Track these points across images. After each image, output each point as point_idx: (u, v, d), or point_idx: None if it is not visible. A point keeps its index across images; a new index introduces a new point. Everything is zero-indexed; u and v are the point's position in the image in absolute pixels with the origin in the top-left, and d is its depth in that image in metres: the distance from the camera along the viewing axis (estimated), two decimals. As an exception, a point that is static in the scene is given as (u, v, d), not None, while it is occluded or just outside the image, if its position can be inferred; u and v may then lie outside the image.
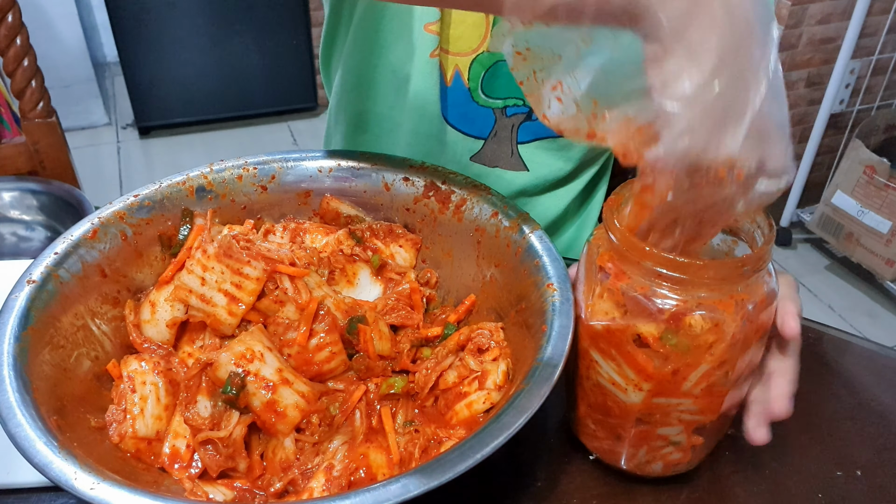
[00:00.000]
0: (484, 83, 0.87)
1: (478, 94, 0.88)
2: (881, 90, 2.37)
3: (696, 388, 0.52)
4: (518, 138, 0.92)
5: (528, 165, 0.93)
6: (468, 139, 0.91)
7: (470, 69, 0.86)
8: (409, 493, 0.44)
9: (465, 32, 0.84)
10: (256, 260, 0.59)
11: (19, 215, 1.05)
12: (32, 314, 0.56)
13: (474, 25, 0.83)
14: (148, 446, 0.56)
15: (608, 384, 0.55)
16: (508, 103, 0.89)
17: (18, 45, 1.13)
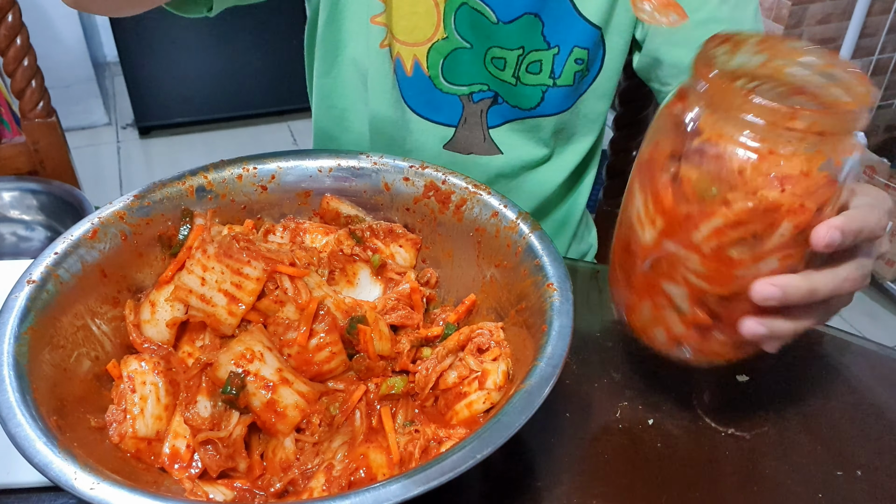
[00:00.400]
0: (444, 70, 0.89)
1: (440, 82, 0.89)
2: (881, 90, 2.37)
3: (707, 245, 0.50)
4: (488, 123, 0.93)
5: (501, 149, 0.94)
6: (438, 127, 0.92)
7: (428, 58, 0.88)
8: (408, 493, 0.44)
9: (419, 23, 0.85)
10: (256, 260, 0.59)
11: (19, 215, 1.05)
12: (32, 314, 0.56)
13: (426, 15, 0.85)
14: (148, 446, 0.56)
15: (634, 220, 0.54)
16: (474, 89, 0.90)
17: (18, 44, 1.13)
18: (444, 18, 0.85)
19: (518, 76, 0.88)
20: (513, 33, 0.84)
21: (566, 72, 0.87)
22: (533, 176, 0.96)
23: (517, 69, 0.87)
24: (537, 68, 0.87)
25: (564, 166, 0.97)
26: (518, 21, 0.84)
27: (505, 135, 0.93)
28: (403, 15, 0.85)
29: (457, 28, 0.85)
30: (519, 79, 0.88)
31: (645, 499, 0.59)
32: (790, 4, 2.13)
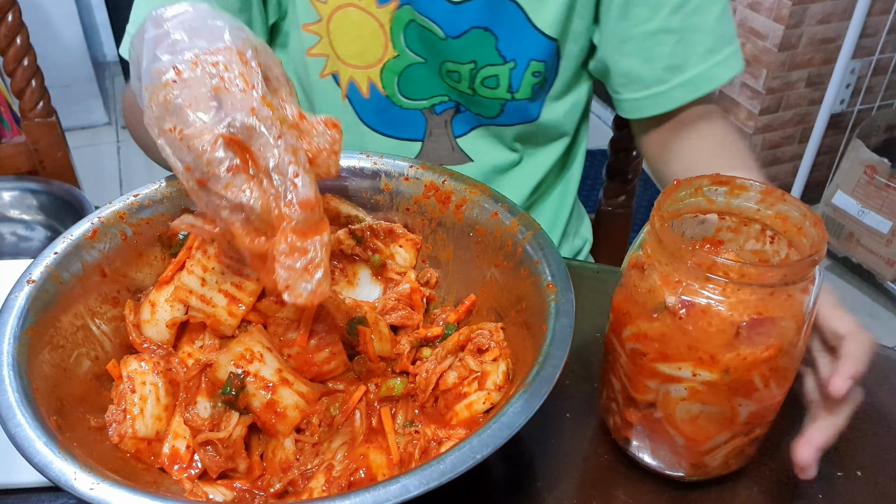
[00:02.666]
0: (401, 87, 0.89)
1: (398, 99, 0.90)
2: (882, 90, 2.37)
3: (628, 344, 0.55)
4: (454, 132, 0.93)
5: (471, 156, 0.94)
6: (403, 143, 0.93)
7: (382, 78, 0.88)
8: (408, 493, 0.44)
9: (367, 45, 0.85)
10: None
11: (19, 215, 1.05)
12: (32, 314, 0.56)
13: (372, 37, 0.85)
14: (148, 446, 0.56)
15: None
16: (434, 101, 0.90)
17: (18, 44, 1.13)
18: (392, 38, 0.85)
19: (474, 88, 0.87)
20: (463, 48, 0.84)
21: (524, 86, 0.86)
22: (506, 180, 0.96)
23: (472, 82, 0.87)
24: (494, 83, 0.86)
25: (538, 168, 0.96)
26: (467, 35, 0.83)
27: (473, 142, 0.93)
28: (349, 40, 0.86)
29: (408, 45, 0.85)
30: (475, 91, 0.87)
31: (645, 499, 0.59)
32: (790, 4, 2.13)
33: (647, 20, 0.81)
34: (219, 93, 0.51)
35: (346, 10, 0.83)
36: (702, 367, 0.51)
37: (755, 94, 2.33)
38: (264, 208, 0.51)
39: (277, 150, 0.50)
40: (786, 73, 2.28)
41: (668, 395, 0.54)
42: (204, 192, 0.51)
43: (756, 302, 0.49)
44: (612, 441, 0.63)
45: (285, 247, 0.50)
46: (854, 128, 2.34)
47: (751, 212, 0.56)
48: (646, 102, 0.86)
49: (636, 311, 0.54)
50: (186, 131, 0.50)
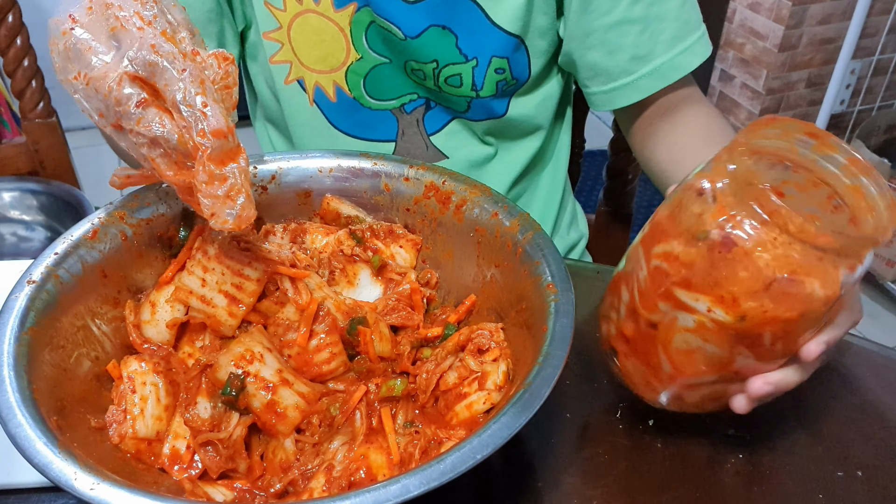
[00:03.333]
0: (368, 89, 0.89)
1: (366, 101, 0.89)
2: (882, 91, 2.37)
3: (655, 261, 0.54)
4: (427, 130, 0.93)
5: (445, 153, 0.94)
6: (377, 144, 0.93)
7: (347, 80, 0.88)
8: (408, 493, 0.44)
9: (329, 49, 0.85)
10: (257, 261, 0.59)
11: (19, 215, 1.05)
12: (32, 314, 0.56)
13: (333, 41, 0.85)
14: (148, 447, 0.56)
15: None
16: (404, 100, 0.90)
17: (19, 45, 1.13)
18: (354, 40, 0.85)
19: (439, 86, 0.87)
20: (423, 47, 0.83)
21: (488, 83, 0.86)
22: (484, 175, 0.95)
23: (436, 80, 0.86)
24: (457, 81, 0.86)
25: (515, 162, 0.96)
26: (426, 35, 0.83)
27: (446, 139, 0.93)
28: (312, 45, 0.85)
29: (371, 46, 0.85)
30: (440, 88, 0.87)
31: (645, 499, 0.59)
32: (790, 5, 2.13)
33: (608, 12, 0.80)
34: (116, 32, 0.51)
35: (306, 17, 0.84)
36: (719, 306, 0.49)
37: (755, 94, 2.33)
38: (180, 139, 0.51)
39: (182, 82, 0.51)
40: (786, 73, 2.28)
41: (675, 321, 0.52)
42: (122, 134, 0.52)
43: (801, 261, 0.47)
44: (612, 441, 0.63)
45: (204, 175, 0.51)
46: (854, 128, 2.34)
47: (829, 175, 0.52)
48: (615, 94, 0.85)
49: (676, 231, 0.51)
50: (91, 74, 0.51)
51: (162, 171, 0.53)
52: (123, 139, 0.53)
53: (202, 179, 0.50)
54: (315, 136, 0.93)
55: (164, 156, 0.52)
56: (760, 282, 0.48)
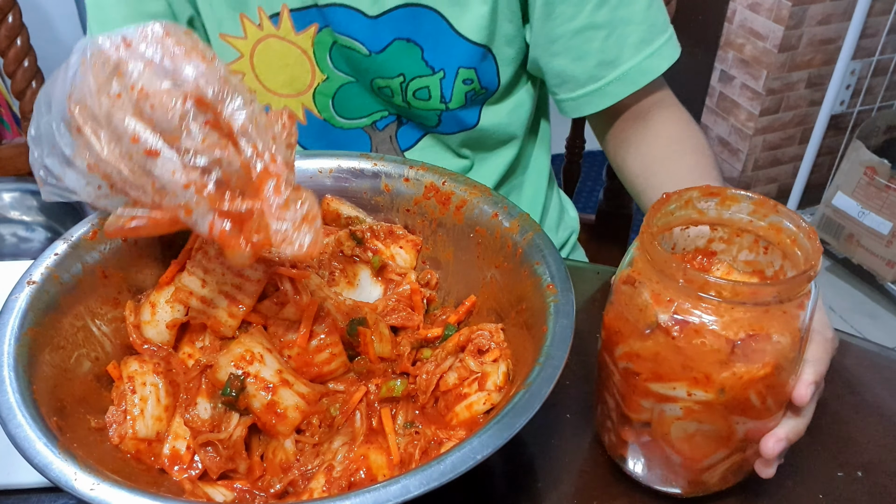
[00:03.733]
0: (337, 109, 0.88)
1: (336, 121, 0.89)
2: (882, 91, 2.37)
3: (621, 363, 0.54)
4: (401, 146, 0.92)
5: None
6: None
7: (315, 102, 0.87)
8: (409, 493, 0.44)
9: (294, 72, 0.85)
10: (257, 262, 0.59)
11: (19, 216, 1.05)
12: (32, 315, 0.56)
13: (297, 64, 0.84)
14: (148, 447, 0.56)
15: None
16: (375, 118, 0.89)
17: (19, 45, 1.13)
18: (318, 62, 0.84)
19: (408, 101, 0.86)
20: (388, 62, 0.82)
21: (456, 94, 0.85)
22: None
23: (404, 96, 0.85)
24: (426, 94, 0.85)
25: (492, 171, 0.95)
26: (390, 49, 0.82)
27: (421, 154, 0.92)
28: (276, 70, 0.85)
29: (335, 66, 0.84)
30: (409, 104, 0.86)
31: (645, 499, 0.59)
32: (790, 5, 2.13)
33: (572, 18, 0.79)
34: (175, 60, 0.48)
35: (267, 42, 0.83)
36: (697, 387, 0.50)
37: (755, 95, 2.33)
38: (243, 164, 0.49)
39: (251, 110, 0.49)
40: (786, 74, 2.28)
41: (663, 414, 0.53)
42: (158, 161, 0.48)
43: (750, 319, 0.48)
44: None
45: (280, 199, 0.48)
46: (854, 129, 2.34)
47: (743, 223, 0.55)
48: (583, 101, 0.85)
49: (628, 330, 0.52)
50: (150, 89, 0.48)
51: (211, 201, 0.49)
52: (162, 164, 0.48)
53: (277, 203, 0.48)
54: None
55: (218, 184, 0.49)
56: (723, 352, 0.48)
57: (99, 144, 0.49)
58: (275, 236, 0.48)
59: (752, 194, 0.54)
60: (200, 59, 0.49)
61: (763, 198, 0.54)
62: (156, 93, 0.48)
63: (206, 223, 0.49)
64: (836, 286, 2.31)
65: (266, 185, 0.49)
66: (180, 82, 0.48)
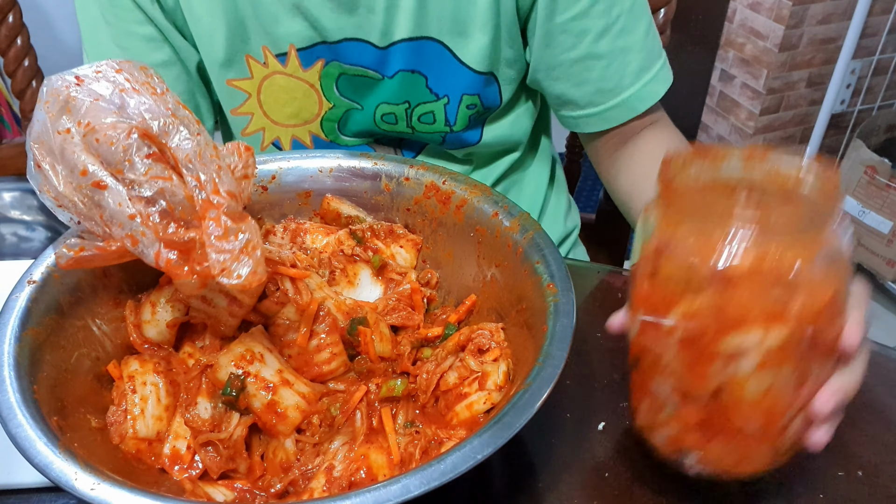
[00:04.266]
0: (342, 130, 0.89)
1: (342, 140, 0.90)
2: (882, 90, 2.37)
3: (677, 333, 0.50)
4: (405, 156, 0.93)
5: None
6: None
7: (322, 128, 0.88)
8: (409, 493, 0.44)
9: (303, 104, 0.86)
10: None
11: (20, 215, 1.05)
12: (33, 315, 0.56)
13: (305, 97, 0.85)
14: (148, 447, 0.56)
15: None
16: (379, 137, 0.90)
17: (19, 45, 1.13)
18: (326, 92, 0.85)
19: (413, 127, 0.87)
20: (395, 88, 0.84)
21: (460, 119, 0.86)
22: None
23: (409, 121, 0.87)
24: (430, 119, 0.86)
25: (493, 169, 0.96)
26: (398, 76, 0.83)
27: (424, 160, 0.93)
28: (283, 104, 0.86)
29: (342, 94, 0.85)
30: (414, 129, 0.87)
31: (645, 499, 0.59)
32: (791, 5, 2.13)
33: (572, 47, 0.80)
34: (125, 93, 0.50)
35: (273, 79, 0.84)
36: (773, 325, 0.47)
37: (756, 94, 2.33)
38: (187, 195, 0.50)
39: (196, 141, 0.50)
40: (786, 73, 2.28)
41: (735, 375, 0.49)
42: (106, 193, 0.49)
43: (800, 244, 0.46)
44: (612, 441, 0.63)
45: (219, 229, 0.49)
46: (854, 128, 2.34)
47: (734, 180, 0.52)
48: (583, 121, 0.86)
49: (674, 295, 0.49)
50: (94, 123, 0.49)
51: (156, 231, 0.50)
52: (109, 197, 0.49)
53: (216, 234, 0.49)
54: None
55: (163, 214, 0.50)
56: (786, 274, 0.46)
57: (56, 179, 0.51)
58: (214, 266, 0.49)
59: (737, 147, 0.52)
60: (151, 93, 0.51)
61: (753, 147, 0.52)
62: (101, 126, 0.49)
63: (153, 253, 0.50)
64: (836, 285, 2.31)
65: (206, 216, 0.49)
66: (126, 116, 0.50)
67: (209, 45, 0.82)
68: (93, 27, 0.82)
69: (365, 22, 0.78)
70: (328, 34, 0.79)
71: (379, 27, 0.78)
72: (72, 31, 2.78)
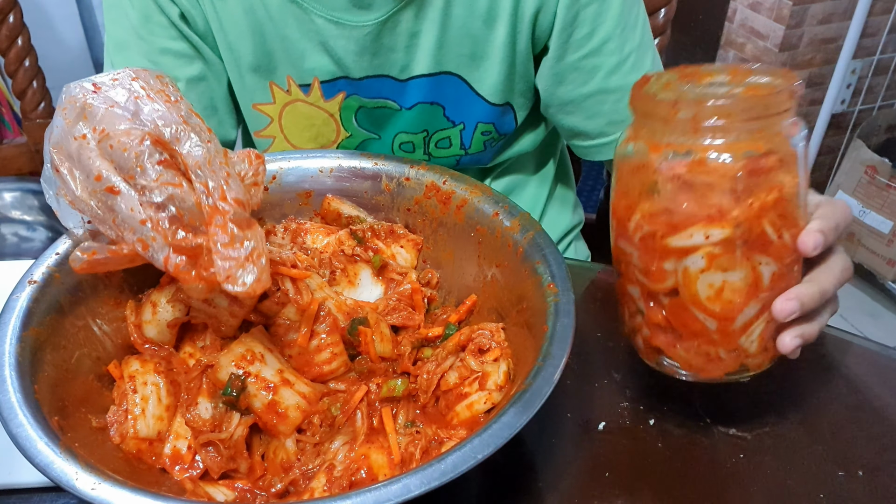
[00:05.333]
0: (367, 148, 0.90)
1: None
2: (882, 90, 2.37)
3: (637, 233, 0.54)
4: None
5: None
6: None
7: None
8: (409, 493, 0.44)
9: (321, 130, 0.88)
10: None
11: (20, 216, 1.05)
12: (34, 315, 0.56)
13: (324, 124, 0.87)
14: (149, 447, 0.56)
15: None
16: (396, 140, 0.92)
17: (20, 45, 1.13)
18: (344, 122, 0.86)
19: (429, 153, 0.90)
20: (414, 119, 0.86)
21: (475, 143, 0.88)
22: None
23: (426, 148, 0.89)
24: (447, 143, 0.89)
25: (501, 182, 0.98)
26: (416, 108, 0.85)
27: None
28: (302, 129, 0.87)
29: (360, 125, 0.87)
30: (431, 154, 0.90)
31: (646, 499, 0.59)
32: (791, 4, 2.13)
33: (583, 83, 0.82)
34: (139, 101, 0.51)
35: (294, 105, 0.86)
36: (713, 225, 0.50)
37: (756, 94, 2.33)
38: (196, 201, 0.50)
39: (206, 149, 0.51)
40: (786, 73, 2.28)
41: (687, 271, 0.52)
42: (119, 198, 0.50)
43: (747, 141, 0.49)
44: (612, 441, 0.63)
45: (225, 237, 0.49)
46: (855, 128, 2.34)
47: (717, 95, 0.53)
48: (594, 150, 0.89)
49: (636, 196, 0.53)
50: (109, 130, 0.50)
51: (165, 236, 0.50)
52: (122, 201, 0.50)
53: (222, 241, 0.49)
54: None
55: (172, 219, 0.50)
56: (729, 179, 0.49)
57: (74, 183, 0.52)
58: (219, 273, 0.49)
59: (727, 66, 0.55)
60: (164, 100, 0.52)
61: (734, 67, 0.55)
62: (115, 133, 0.50)
63: (162, 257, 0.51)
64: (836, 285, 2.31)
65: (213, 222, 0.50)
66: (139, 123, 0.51)
67: (236, 70, 0.84)
68: (122, 41, 0.83)
69: (386, 61, 0.81)
70: (351, 72, 0.82)
71: (399, 64, 0.81)
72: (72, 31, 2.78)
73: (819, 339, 0.74)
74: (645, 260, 0.54)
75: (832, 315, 0.56)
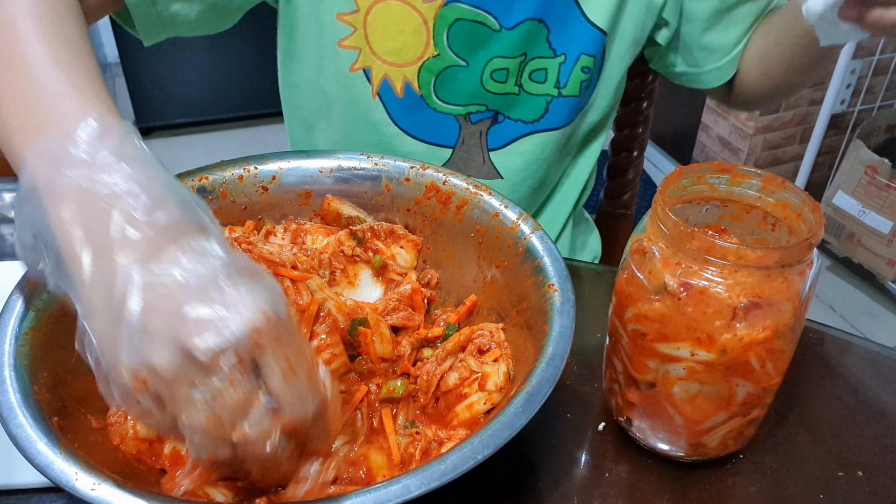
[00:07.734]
0: (437, 89, 0.85)
1: (433, 101, 0.86)
2: (882, 90, 2.37)
3: (630, 325, 0.56)
4: (489, 145, 0.90)
5: (501, 173, 0.91)
6: (433, 148, 0.89)
7: (419, 77, 0.84)
8: (409, 493, 0.44)
9: (407, 42, 0.82)
10: (258, 262, 0.59)
11: (20, 216, 1.05)
12: (33, 315, 0.56)
13: (414, 34, 0.81)
14: (149, 447, 0.56)
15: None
16: (471, 109, 0.87)
17: (19, 45, 1.13)
18: (435, 36, 0.81)
19: (521, 84, 0.85)
20: (515, 40, 0.82)
21: (572, 81, 0.85)
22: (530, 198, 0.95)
23: (519, 77, 0.85)
24: (542, 77, 0.85)
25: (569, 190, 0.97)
26: (520, 27, 0.82)
27: (506, 158, 0.90)
28: (389, 35, 0.82)
29: (450, 45, 0.82)
30: (522, 87, 0.86)
31: (646, 499, 0.59)
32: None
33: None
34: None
35: (388, 3, 0.80)
36: (699, 347, 0.52)
37: (756, 94, 2.33)
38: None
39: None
40: (786, 73, 2.28)
41: (667, 374, 0.55)
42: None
43: (753, 284, 0.50)
44: (613, 441, 0.63)
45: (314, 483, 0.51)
46: (854, 128, 2.34)
47: (752, 199, 0.57)
48: (727, 67, 0.90)
49: (637, 294, 0.55)
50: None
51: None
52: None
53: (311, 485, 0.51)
54: (367, 132, 0.88)
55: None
56: (726, 314, 0.51)
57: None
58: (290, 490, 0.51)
59: (761, 171, 0.56)
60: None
61: (772, 175, 0.56)
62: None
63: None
64: (836, 285, 2.31)
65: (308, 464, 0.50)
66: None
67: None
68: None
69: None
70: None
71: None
72: (72, 31, 2.77)
73: (818, 339, 0.75)
74: (632, 351, 0.57)
75: None
